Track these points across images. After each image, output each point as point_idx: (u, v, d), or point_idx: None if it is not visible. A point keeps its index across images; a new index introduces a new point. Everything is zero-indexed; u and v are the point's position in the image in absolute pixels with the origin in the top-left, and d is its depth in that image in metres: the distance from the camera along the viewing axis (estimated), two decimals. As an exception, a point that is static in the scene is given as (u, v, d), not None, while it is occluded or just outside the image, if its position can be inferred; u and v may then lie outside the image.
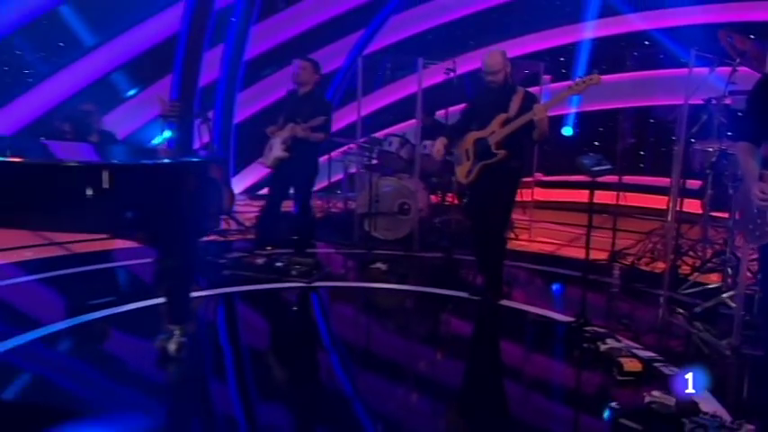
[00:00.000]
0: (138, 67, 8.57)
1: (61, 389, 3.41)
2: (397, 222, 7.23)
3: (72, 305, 4.63)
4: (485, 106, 4.93)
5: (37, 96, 8.15)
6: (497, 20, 9.39)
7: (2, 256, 5.75)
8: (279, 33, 8.77)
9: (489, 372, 3.96)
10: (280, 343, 4.32)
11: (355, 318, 5.07)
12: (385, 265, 6.00)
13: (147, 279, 5.52)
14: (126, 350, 4.04)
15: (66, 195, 3.23)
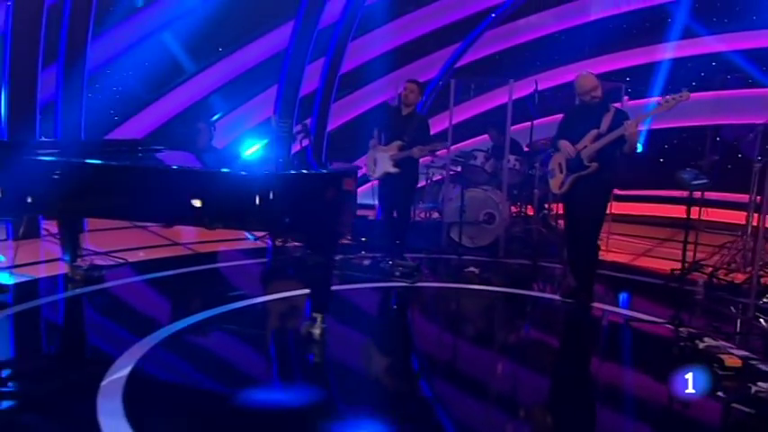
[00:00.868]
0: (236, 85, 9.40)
1: (225, 366, 4.02)
2: (481, 231, 7.72)
3: (211, 296, 5.30)
4: (578, 122, 5.39)
5: (150, 114, 9.03)
6: (575, 40, 9.82)
7: (141, 255, 6.52)
8: (373, 49, 9.50)
9: (598, 366, 4.39)
10: (399, 333, 4.87)
11: (460, 315, 5.57)
12: (477, 269, 6.52)
13: (259, 276, 6.24)
14: (273, 334, 4.64)
15: (247, 200, 3.84)
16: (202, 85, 9.37)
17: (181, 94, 9.34)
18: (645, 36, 9.61)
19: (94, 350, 4.26)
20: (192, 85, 9.40)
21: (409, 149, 6.17)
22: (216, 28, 8.88)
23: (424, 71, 9.84)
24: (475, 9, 9.45)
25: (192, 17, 8.81)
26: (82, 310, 5.00)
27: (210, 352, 4.23)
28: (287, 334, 4.60)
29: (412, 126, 6.30)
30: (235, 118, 9.40)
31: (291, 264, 6.54)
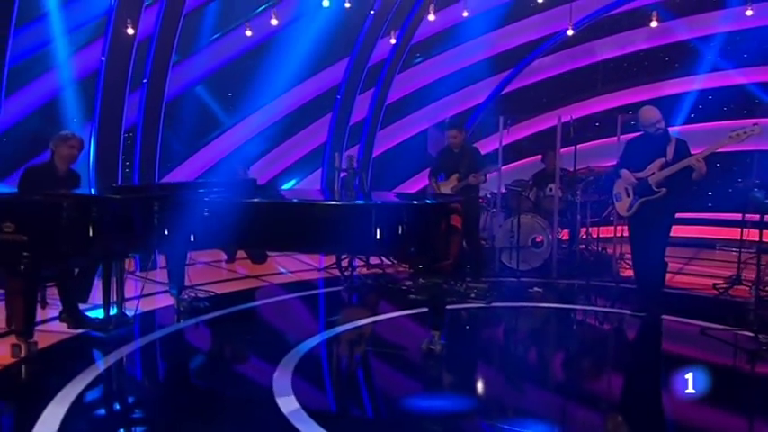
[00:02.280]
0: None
1: (362, 375, 4.44)
2: (530, 255, 8.23)
3: (320, 319, 5.73)
4: (641, 151, 5.95)
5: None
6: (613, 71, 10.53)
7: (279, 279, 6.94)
8: (415, 82, 10.17)
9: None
10: (504, 348, 5.34)
11: (548, 331, 6.02)
12: (541, 289, 7.01)
13: (347, 301, 6.68)
14: (397, 350, 5.07)
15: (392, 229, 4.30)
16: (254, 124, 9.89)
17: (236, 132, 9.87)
18: (671, 69, 10.33)
19: (253, 360, 4.77)
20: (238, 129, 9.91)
21: (466, 179, 6.83)
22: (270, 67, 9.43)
23: (472, 97, 10.49)
24: (521, 41, 10.09)
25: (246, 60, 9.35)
26: (218, 333, 5.42)
27: (347, 365, 4.65)
28: (409, 350, 5.02)
29: (465, 159, 7.10)
30: (285, 150, 9.93)
31: (370, 289, 7.02)
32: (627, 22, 10.13)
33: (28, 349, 4.35)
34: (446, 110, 10.31)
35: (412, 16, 9.17)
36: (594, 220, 8.92)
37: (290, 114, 9.72)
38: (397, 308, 6.13)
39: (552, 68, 10.34)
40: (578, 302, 6.69)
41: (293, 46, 8.74)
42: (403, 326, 5.67)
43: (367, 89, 9.65)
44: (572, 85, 10.52)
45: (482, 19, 9.35)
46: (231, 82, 9.47)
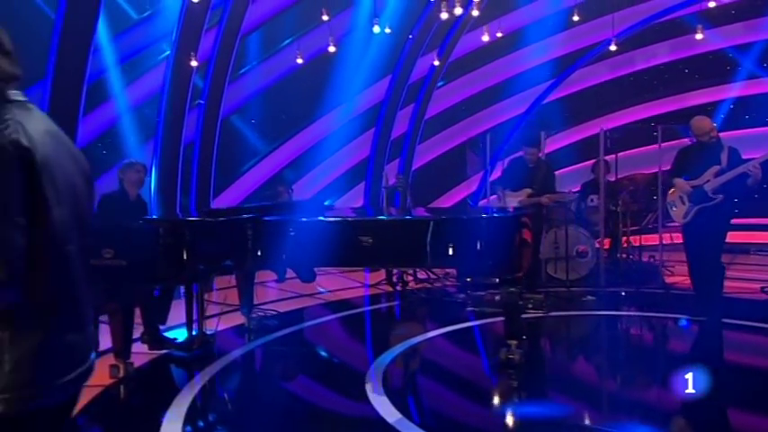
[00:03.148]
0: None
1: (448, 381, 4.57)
2: (576, 265, 8.35)
3: (389, 333, 5.88)
4: (695, 159, 6.10)
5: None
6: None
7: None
8: (452, 97, 10.41)
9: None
10: (578, 355, 5.46)
11: (614, 337, 6.14)
12: (593, 297, 7.14)
13: (410, 316, 6.81)
14: (476, 359, 5.20)
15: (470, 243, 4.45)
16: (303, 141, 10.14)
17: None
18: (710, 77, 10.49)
19: (340, 372, 5.01)
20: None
21: (538, 197, 7.00)
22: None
23: (512, 108, 10.70)
24: (562, 53, 10.29)
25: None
26: (297, 349, 5.61)
27: (432, 374, 4.79)
28: (486, 358, 5.16)
29: (540, 176, 7.23)
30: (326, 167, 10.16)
31: (425, 303, 7.18)
32: (667, 32, 10.28)
33: (126, 369, 4.50)
34: (484, 122, 10.52)
35: (450, 36, 9.43)
36: (635, 229, 9.05)
37: (334, 132, 9.99)
38: (459, 320, 6.26)
39: (592, 78, 10.52)
40: (635, 310, 6.81)
41: (337, 67, 8.99)
42: (472, 337, 5.80)
43: (407, 104, 9.93)
44: (612, 94, 10.70)
45: (519, 34, 9.61)
46: (279, 101, 9.69)
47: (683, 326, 6.20)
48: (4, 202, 1.52)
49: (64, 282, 1.69)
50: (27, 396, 1.58)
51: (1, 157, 1.52)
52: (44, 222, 1.60)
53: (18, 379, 1.56)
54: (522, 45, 9.89)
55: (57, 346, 1.65)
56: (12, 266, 1.49)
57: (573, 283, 8.02)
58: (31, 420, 1.62)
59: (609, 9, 8.67)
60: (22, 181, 1.55)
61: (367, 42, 8.94)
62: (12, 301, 1.53)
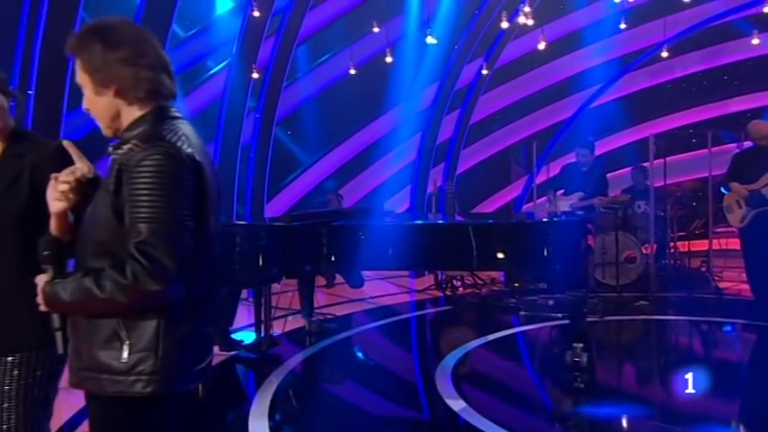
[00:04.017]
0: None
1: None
2: (624, 270, 8.36)
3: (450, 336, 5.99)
4: (753, 163, 6.12)
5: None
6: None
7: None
8: (497, 102, 10.54)
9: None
10: (645, 358, 5.53)
11: (669, 340, 6.21)
12: (647, 302, 7.15)
13: (465, 319, 6.89)
14: (542, 361, 5.27)
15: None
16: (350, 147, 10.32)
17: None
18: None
19: (409, 371, 5.18)
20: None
21: (590, 199, 7.03)
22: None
23: (557, 113, 10.77)
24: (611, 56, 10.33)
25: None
26: (361, 350, 5.80)
27: (500, 373, 4.88)
28: (552, 361, 5.22)
29: (592, 179, 7.27)
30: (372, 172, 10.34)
31: (478, 307, 7.26)
32: (717, 36, 10.23)
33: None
34: (529, 127, 10.61)
35: (497, 44, 9.54)
36: (682, 234, 9.03)
37: (380, 139, 10.17)
38: (515, 324, 6.33)
39: (641, 81, 10.51)
40: (690, 314, 6.81)
41: (384, 75, 9.16)
42: (531, 340, 5.87)
43: (453, 110, 10.08)
44: (660, 98, 10.68)
45: (566, 40, 9.68)
46: (325, 110, 9.87)
47: (740, 330, 6.19)
48: (181, 208, 1.69)
49: (210, 281, 1.87)
50: (174, 379, 1.75)
51: (180, 170, 1.70)
52: (203, 228, 1.78)
53: (168, 363, 1.72)
54: (568, 51, 9.96)
55: (198, 337, 1.82)
56: (182, 264, 1.65)
57: (623, 289, 8.03)
58: (173, 402, 1.81)
59: (660, 13, 8.70)
60: (194, 190, 1.73)
61: (414, 50, 9.09)
62: (177, 296, 1.69)
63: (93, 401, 1.79)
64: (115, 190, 1.69)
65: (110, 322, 1.71)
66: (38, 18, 4.91)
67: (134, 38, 1.78)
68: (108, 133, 1.85)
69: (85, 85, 1.81)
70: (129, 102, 1.79)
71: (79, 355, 1.77)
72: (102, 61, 1.75)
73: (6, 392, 1.96)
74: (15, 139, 2.07)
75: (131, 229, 1.64)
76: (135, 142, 1.73)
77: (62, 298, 1.70)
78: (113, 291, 1.63)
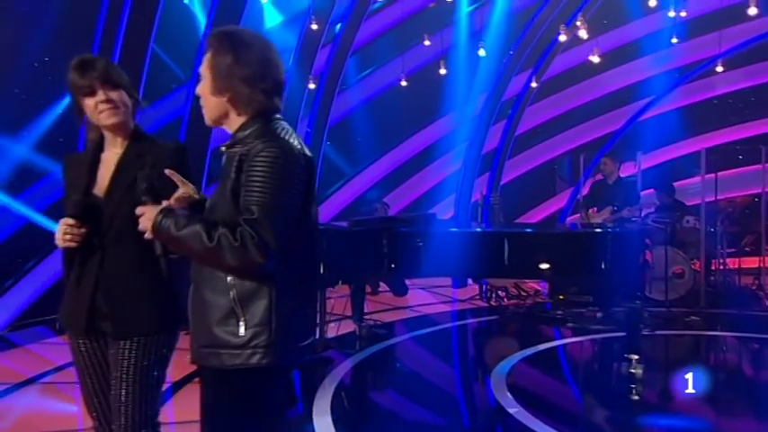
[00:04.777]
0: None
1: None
2: (673, 285, 8.28)
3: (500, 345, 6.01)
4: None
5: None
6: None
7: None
8: (544, 113, 10.57)
9: None
10: (702, 372, 5.42)
11: (723, 356, 6.18)
12: (698, 318, 7.08)
13: (514, 329, 6.91)
14: (595, 372, 5.28)
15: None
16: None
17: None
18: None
19: (464, 375, 5.29)
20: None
21: (620, 211, 6.99)
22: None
23: (605, 125, 10.76)
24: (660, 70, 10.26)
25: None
26: (415, 354, 5.93)
27: (554, 383, 4.92)
28: (607, 372, 5.22)
29: (620, 192, 7.20)
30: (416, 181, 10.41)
31: (525, 318, 7.27)
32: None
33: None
34: (577, 138, 10.60)
35: (546, 56, 9.57)
36: (732, 251, 8.90)
37: (425, 148, 10.25)
38: (564, 335, 6.33)
39: (693, 95, 10.41)
40: (742, 331, 6.71)
41: (431, 84, 9.27)
42: (583, 351, 5.86)
43: (500, 120, 10.15)
44: (711, 112, 10.56)
45: (616, 52, 9.68)
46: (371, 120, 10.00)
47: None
48: (289, 197, 1.88)
49: (311, 266, 2.06)
50: (286, 353, 1.91)
51: (292, 163, 1.90)
52: (307, 215, 1.98)
53: (280, 337, 1.89)
54: (617, 63, 9.92)
55: (302, 317, 2.00)
56: (280, 244, 1.82)
57: (671, 304, 7.95)
58: (282, 374, 1.97)
59: (715, 26, 8.61)
60: (303, 182, 1.93)
61: (462, 61, 9.16)
62: (271, 270, 1.85)
63: (212, 376, 1.94)
64: (236, 177, 1.88)
65: (226, 301, 1.87)
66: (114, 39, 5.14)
67: (261, 60, 1.95)
68: (208, 123, 2.05)
69: (205, 78, 1.98)
70: (239, 112, 1.97)
71: (199, 334, 1.93)
72: (228, 72, 1.92)
73: (123, 375, 2.10)
74: (136, 140, 2.22)
75: (244, 210, 1.83)
76: (251, 139, 1.92)
77: (171, 231, 1.86)
78: (220, 245, 1.79)
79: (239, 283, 1.87)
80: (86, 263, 2.12)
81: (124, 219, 2.08)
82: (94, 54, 5.51)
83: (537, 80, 9.68)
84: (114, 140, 2.20)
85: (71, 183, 2.20)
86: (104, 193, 2.14)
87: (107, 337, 2.16)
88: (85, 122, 2.22)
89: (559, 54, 9.76)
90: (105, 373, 2.17)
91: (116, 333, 2.12)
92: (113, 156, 2.19)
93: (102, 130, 2.20)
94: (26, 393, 4.59)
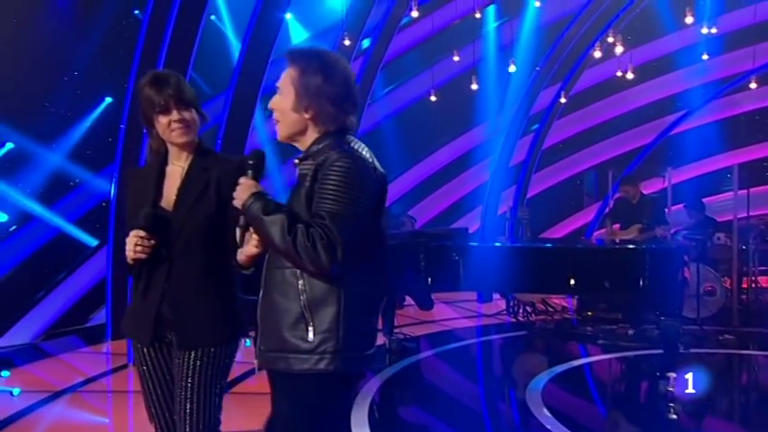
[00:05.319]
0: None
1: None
2: (703, 303, 8.16)
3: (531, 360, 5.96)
4: None
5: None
6: None
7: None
8: (571, 127, 10.55)
9: None
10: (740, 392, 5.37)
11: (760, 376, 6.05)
12: (732, 336, 6.94)
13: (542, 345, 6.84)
14: (633, 389, 5.22)
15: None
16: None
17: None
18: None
19: (499, 388, 5.31)
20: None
21: (651, 230, 6.92)
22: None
23: (634, 139, 10.67)
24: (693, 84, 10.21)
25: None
26: (448, 367, 5.92)
27: (592, 399, 4.87)
28: (644, 390, 5.14)
29: (647, 209, 7.19)
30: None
31: (554, 334, 7.19)
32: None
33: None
34: (604, 153, 10.56)
35: (575, 70, 9.56)
36: (763, 269, 8.77)
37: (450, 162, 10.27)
38: (596, 352, 6.25)
39: (726, 110, 10.32)
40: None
41: (457, 98, 9.30)
42: (617, 368, 5.79)
43: (527, 134, 10.16)
44: (746, 128, 10.46)
45: (646, 67, 9.65)
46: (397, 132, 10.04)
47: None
48: (360, 207, 1.93)
49: (380, 276, 2.08)
50: (352, 359, 1.96)
51: (364, 175, 1.97)
52: (378, 228, 2.04)
53: (347, 344, 1.93)
54: (646, 78, 9.89)
55: (367, 326, 2.04)
56: (346, 251, 1.88)
57: (703, 322, 7.83)
58: (348, 381, 2.02)
59: (749, 41, 8.55)
60: (374, 195, 1.99)
61: (490, 75, 9.19)
62: (335, 276, 1.91)
63: (280, 380, 1.98)
64: (310, 184, 1.95)
65: (296, 306, 1.93)
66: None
67: (345, 80, 2.04)
68: (282, 138, 2.10)
69: (286, 95, 2.04)
70: (318, 129, 2.04)
71: (268, 339, 1.98)
72: (316, 91, 1.99)
73: (188, 384, 2.13)
74: (200, 154, 2.26)
75: (315, 215, 1.90)
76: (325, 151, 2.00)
77: (255, 210, 1.92)
78: (296, 240, 1.85)
79: (309, 289, 1.92)
80: (154, 274, 2.15)
81: (191, 231, 2.13)
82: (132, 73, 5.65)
83: (566, 95, 9.67)
84: (179, 155, 2.25)
85: (136, 196, 2.24)
86: (172, 205, 2.18)
87: (171, 347, 2.19)
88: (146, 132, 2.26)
89: (588, 68, 9.74)
90: (169, 382, 2.20)
91: (181, 343, 2.16)
92: (178, 169, 2.23)
93: (168, 144, 2.24)
94: (58, 404, 4.61)
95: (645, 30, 9.53)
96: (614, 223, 7.55)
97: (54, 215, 7.10)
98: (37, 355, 6.24)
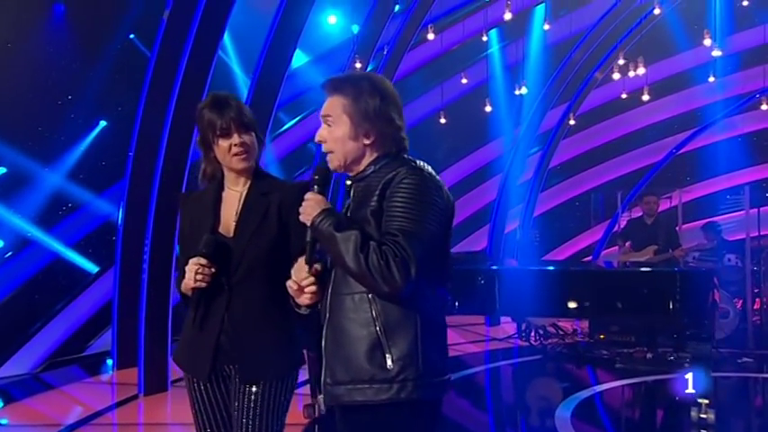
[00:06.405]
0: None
1: None
2: (717, 325, 8.03)
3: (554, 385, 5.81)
4: None
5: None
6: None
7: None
8: (578, 146, 10.50)
9: None
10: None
11: None
12: (750, 359, 6.82)
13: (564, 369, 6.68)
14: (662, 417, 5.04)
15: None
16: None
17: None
18: None
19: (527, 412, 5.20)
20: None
21: (666, 251, 6.82)
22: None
23: (641, 158, 10.65)
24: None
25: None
26: (470, 391, 5.80)
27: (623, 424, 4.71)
28: (674, 416, 4.97)
29: (662, 231, 7.10)
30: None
31: (570, 358, 7.03)
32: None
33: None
34: (610, 172, 10.51)
35: (581, 90, 9.54)
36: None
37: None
38: (616, 377, 6.09)
39: (736, 128, 10.32)
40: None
41: (469, 117, 9.24)
42: (642, 394, 5.64)
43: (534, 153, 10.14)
44: (757, 146, 10.44)
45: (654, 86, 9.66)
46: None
47: None
48: (429, 224, 1.85)
49: (446, 297, 1.99)
50: (433, 385, 1.83)
51: (433, 192, 1.89)
52: (447, 248, 1.98)
53: (428, 369, 1.81)
54: (655, 98, 9.87)
55: (444, 347, 1.93)
56: (419, 269, 1.78)
57: (718, 344, 7.69)
58: (430, 408, 1.87)
59: (760, 61, 8.56)
60: (443, 212, 1.92)
61: (498, 95, 9.16)
62: (407, 297, 1.79)
63: (355, 416, 1.83)
64: (378, 202, 1.87)
65: (371, 333, 1.81)
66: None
67: (397, 99, 1.98)
68: (336, 168, 1.98)
69: (340, 124, 1.93)
70: (378, 152, 1.96)
71: (337, 370, 1.84)
72: (376, 114, 1.91)
73: (249, 420, 2.01)
74: (258, 178, 2.15)
75: (387, 233, 1.81)
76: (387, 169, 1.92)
77: (327, 226, 1.82)
78: (368, 258, 1.75)
79: (384, 313, 1.80)
80: (212, 303, 2.00)
81: (253, 258, 2.01)
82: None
83: (573, 116, 9.64)
84: (237, 180, 2.14)
85: (191, 221, 2.11)
86: (231, 232, 2.05)
87: (229, 381, 2.06)
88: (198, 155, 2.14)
89: (594, 88, 9.72)
90: (224, 416, 2.07)
91: (243, 377, 2.02)
92: (235, 194, 2.11)
93: (224, 168, 2.12)
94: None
95: (652, 50, 9.54)
96: (625, 242, 7.39)
97: (50, 239, 6.90)
98: (38, 386, 5.99)
